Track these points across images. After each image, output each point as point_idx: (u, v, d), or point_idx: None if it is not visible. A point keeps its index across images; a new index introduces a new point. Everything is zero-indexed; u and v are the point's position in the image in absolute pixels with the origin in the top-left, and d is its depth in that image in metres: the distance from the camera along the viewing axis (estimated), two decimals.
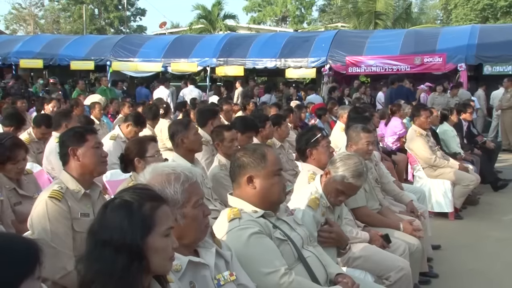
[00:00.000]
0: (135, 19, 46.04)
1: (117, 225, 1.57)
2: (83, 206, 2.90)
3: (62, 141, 3.01)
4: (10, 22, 44.64)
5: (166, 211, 1.66)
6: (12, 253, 1.23)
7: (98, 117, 7.75)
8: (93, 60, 17.91)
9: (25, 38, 22.19)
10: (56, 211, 2.77)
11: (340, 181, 3.19)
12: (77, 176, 2.95)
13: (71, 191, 2.88)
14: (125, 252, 1.54)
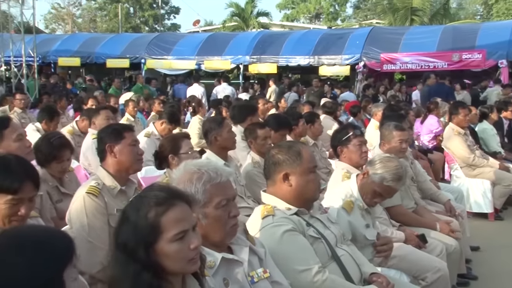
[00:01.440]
0: (169, 17, 46.50)
1: (129, 231, 1.58)
2: (119, 202, 2.92)
3: (100, 138, 3.06)
4: (49, 21, 45.77)
5: (176, 215, 1.61)
6: (55, 244, 1.25)
7: (132, 114, 7.84)
8: (128, 58, 18.19)
9: (63, 37, 22.72)
10: (93, 207, 2.81)
11: (378, 182, 3.13)
12: (114, 172, 2.98)
13: (107, 187, 2.92)
14: (137, 259, 1.55)
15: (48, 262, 1.22)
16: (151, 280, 1.55)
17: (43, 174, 3.60)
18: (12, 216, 2.14)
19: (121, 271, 1.56)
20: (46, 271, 1.21)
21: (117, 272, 1.58)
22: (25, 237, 1.29)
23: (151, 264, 1.57)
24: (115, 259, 1.59)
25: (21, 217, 2.16)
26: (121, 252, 1.57)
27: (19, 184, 2.12)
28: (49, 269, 1.21)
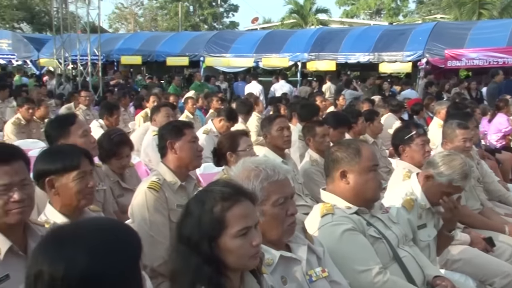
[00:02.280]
0: (228, 15, 46.94)
1: (193, 225, 1.60)
2: (179, 197, 2.98)
3: (161, 134, 3.12)
4: (113, 21, 47.30)
5: (241, 211, 1.63)
6: (128, 238, 1.25)
7: (191, 111, 7.96)
8: (187, 56, 18.48)
9: (126, 36, 23.37)
10: (154, 202, 2.86)
11: (447, 184, 2.96)
12: (174, 168, 3.03)
13: (168, 183, 2.97)
14: (199, 253, 1.57)
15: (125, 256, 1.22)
16: (212, 274, 1.57)
17: (105, 169, 3.71)
18: (83, 190, 2.34)
19: (182, 264, 1.59)
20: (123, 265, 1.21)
21: (178, 265, 1.60)
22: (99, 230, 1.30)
23: (213, 259, 1.58)
24: (177, 252, 1.62)
25: (90, 189, 2.38)
26: (184, 245, 1.60)
27: (78, 159, 2.35)
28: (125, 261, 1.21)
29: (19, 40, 22.71)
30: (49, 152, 2.49)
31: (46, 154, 2.45)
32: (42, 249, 1.18)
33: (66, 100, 10.32)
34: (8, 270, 1.91)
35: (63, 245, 1.17)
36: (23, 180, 1.96)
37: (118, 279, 1.17)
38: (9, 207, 1.91)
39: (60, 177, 2.33)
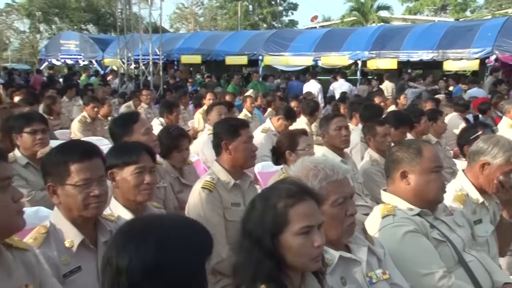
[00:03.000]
0: (287, 13, 46.85)
1: (257, 219, 1.62)
2: (234, 196, 3.00)
3: (216, 132, 3.14)
4: (174, 21, 48.37)
5: (304, 209, 1.63)
6: (197, 236, 1.28)
7: (249, 110, 7.99)
8: (246, 55, 18.56)
9: (186, 35, 23.79)
10: (208, 201, 2.90)
11: (505, 163, 2.78)
12: (228, 168, 3.05)
13: (222, 182, 3.00)
14: (261, 247, 1.59)
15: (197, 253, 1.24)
16: (272, 270, 1.58)
17: (165, 165, 3.78)
18: (140, 185, 2.41)
19: (244, 258, 1.61)
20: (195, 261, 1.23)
21: (241, 259, 1.63)
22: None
23: (274, 254, 1.59)
24: (240, 246, 1.64)
25: (147, 185, 2.43)
26: (247, 239, 1.62)
27: (137, 155, 2.44)
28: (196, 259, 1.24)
29: (85, 41, 23.66)
30: (115, 148, 2.64)
31: (113, 149, 2.59)
32: (114, 240, 1.25)
33: (128, 99, 10.63)
34: (80, 262, 2.00)
35: (131, 237, 1.22)
36: (101, 177, 2.06)
37: (182, 275, 1.19)
38: (89, 202, 2.00)
39: (120, 170, 2.43)
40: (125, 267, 1.17)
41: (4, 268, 1.59)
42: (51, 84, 14.01)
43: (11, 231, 1.61)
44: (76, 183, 1.98)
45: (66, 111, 8.89)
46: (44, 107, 7.41)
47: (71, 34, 27.08)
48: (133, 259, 1.17)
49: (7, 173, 1.54)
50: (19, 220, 1.57)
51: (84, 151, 2.03)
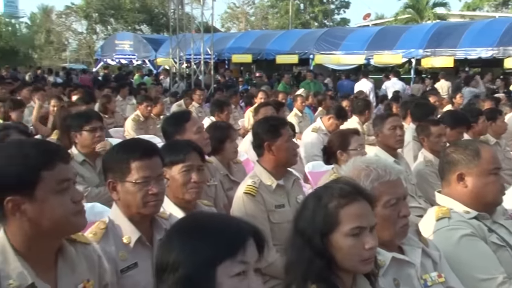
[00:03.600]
0: (338, 12, 46.40)
1: (308, 218, 1.61)
2: (278, 197, 2.97)
3: (256, 133, 3.10)
4: (225, 20, 48.80)
5: (356, 210, 1.60)
6: (216, 234, 1.26)
7: (300, 109, 7.95)
8: (297, 54, 18.53)
9: (237, 35, 23.99)
10: (252, 206, 2.88)
11: None
12: (270, 169, 3.01)
13: (264, 184, 2.96)
14: (313, 246, 1.57)
15: (204, 250, 1.23)
16: (322, 270, 1.57)
17: (215, 163, 3.80)
18: (187, 183, 2.44)
19: (296, 256, 1.61)
20: (199, 258, 1.22)
21: (292, 257, 1.63)
22: (199, 220, 1.35)
23: (324, 254, 1.58)
24: (292, 244, 1.63)
25: (195, 183, 2.46)
26: (299, 238, 1.61)
27: (184, 153, 2.47)
28: (202, 256, 1.23)
29: (139, 41, 24.27)
30: (165, 146, 2.66)
31: (164, 147, 2.61)
32: (168, 239, 1.28)
33: (180, 98, 10.80)
34: (136, 258, 2.04)
35: (186, 236, 1.25)
36: (159, 175, 2.10)
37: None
38: (147, 199, 2.03)
39: (169, 169, 2.45)
40: (180, 266, 1.21)
41: (68, 263, 1.63)
42: (106, 83, 14.44)
43: (70, 232, 1.64)
44: (136, 180, 2.02)
45: (120, 110, 9.11)
46: (100, 106, 7.62)
47: (125, 34, 27.85)
48: (188, 258, 1.20)
49: (68, 175, 1.55)
50: (78, 220, 1.58)
51: (145, 150, 2.07)
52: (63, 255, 1.62)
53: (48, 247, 1.58)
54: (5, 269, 1.48)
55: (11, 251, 1.50)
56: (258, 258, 1.30)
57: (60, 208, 1.51)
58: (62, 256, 1.62)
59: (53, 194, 1.50)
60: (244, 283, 1.25)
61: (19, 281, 1.48)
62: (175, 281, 1.21)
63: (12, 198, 1.46)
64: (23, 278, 1.48)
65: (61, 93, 10.43)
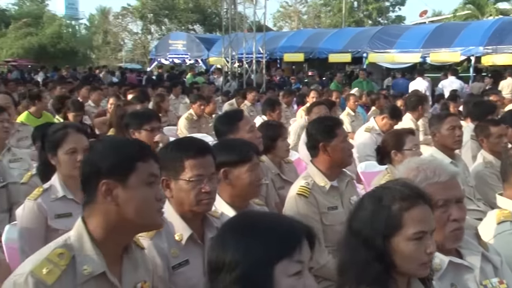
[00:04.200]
0: (393, 9, 45.45)
1: (366, 219, 1.57)
2: (331, 198, 2.93)
3: (310, 134, 3.06)
4: (277, 19, 48.86)
5: (419, 214, 1.56)
6: (272, 233, 1.25)
7: (353, 108, 7.85)
8: (350, 53, 18.34)
9: (289, 33, 23.98)
10: (304, 208, 2.85)
11: None
12: (325, 170, 2.98)
13: (318, 186, 2.93)
14: (370, 247, 1.53)
15: (260, 249, 1.22)
16: (379, 273, 1.53)
17: (267, 162, 3.81)
18: (254, 182, 2.47)
19: (350, 257, 1.58)
20: (256, 257, 1.22)
21: (347, 258, 1.60)
22: (255, 218, 1.35)
23: (383, 257, 1.54)
24: (346, 245, 1.61)
25: (260, 182, 2.53)
26: (354, 238, 1.58)
27: (250, 152, 2.51)
28: (259, 255, 1.22)
29: (192, 40, 24.67)
30: (225, 144, 2.67)
31: (222, 146, 2.62)
32: (221, 238, 1.27)
33: (232, 97, 10.88)
34: (188, 256, 2.07)
35: (239, 234, 1.25)
36: (212, 174, 2.12)
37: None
38: (200, 197, 2.06)
39: (233, 168, 2.46)
40: (235, 265, 1.21)
41: (132, 262, 1.70)
42: (160, 82, 14.74)
43: (149, 227, 1.72)
44: (189, 178, 2.04)
45: (173, 109, 9.27)
46: (153, 105, 7.78)
47: (179, 34, 28.37)
48: (244, 257, 1.20)
49: (156, 172, 1.65)
50: (158, 219, 1.66)
51: (199, 148, 2.10)
52: (128, 252, 1.69)
53: (122, 240, 1.65)
54: (81, 255, 1.56)
55: (88, 239, 1.58)
56: (311, 256, 1.31)
57: (147, 200, 1.60)
58: (127, 253, 1.69)
59: (143, 185, 1.59)
60: (300, 281, 1.26)
61: (92, 268, 1.55)
62: (232, 280, 1.21)
63: (107, 181, 1.56)
64: (96, 266, 1.56)
65: (117, 92, 10.76)
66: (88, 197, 1.62)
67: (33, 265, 1.49)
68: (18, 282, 1.47)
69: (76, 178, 2.62)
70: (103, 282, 1.57)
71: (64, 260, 1.52)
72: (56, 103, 6.48)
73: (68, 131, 2.70)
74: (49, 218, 2.60)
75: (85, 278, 1.53)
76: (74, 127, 2.76)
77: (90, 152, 1.66)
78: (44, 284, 1.47)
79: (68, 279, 1.51)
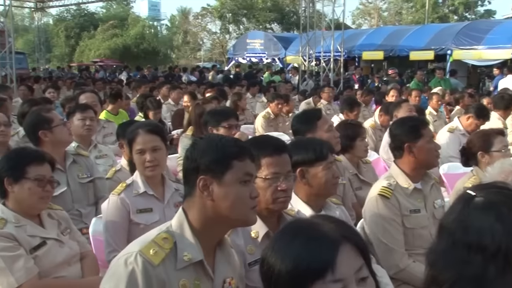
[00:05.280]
0: (482, 3, 43.24)
1: (486, 229, 1.34)
2: (414, 201, 2.83)
3: (395, 135, 2.96)
4: (356, 17, 48.09)
5: None
6: (302, 256, 1.16)
7: (435, 107, 7.55)
8: (433, 50, 17.66)
9: (368, 31, 23.49)
10: (385, 209, 2.77)
11: None
12: (409, 171, 2.87)
13: (401, 187, 2.83)
14: (498, 260, 1.32)
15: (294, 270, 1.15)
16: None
17: (344, 162, 3.75)
18: (330, 180, 2.48)
19: (472, 273, 1.33)
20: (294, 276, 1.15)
21: (462, 273, 1.35)
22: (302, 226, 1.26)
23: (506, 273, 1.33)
24: (456, 259, 1.36)
25: (336, 180, 2.54)
26: (470, 252, 1.34)
27: (326, 150, 2.51)
28: (295, 275, 1.15)
29: (269, 39, 24.80)
30: (300, 143, 2.65)
31: (297, 145, 2.61)
32: (275, 242, 1.23)
33: (309, 96, 10.80)
34: None
35: (292, 241, 1.19)
36: (288, 172, 2.13)
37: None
38: (277, 196, 2.08)
39: (309, 167, 2.47)
40: (286, 272, 1.15)
41: (225, 256, 1.76)
42: (237, 81, 14.92)
43: (242, 223, 1.78)
44: (265, 176, 2.07)
45: (250, 107, 9.33)
46: (231, 103, 7.87)
47: (256, 33, 28.61)
48: (295, 266, 1.14)
49: (252, 171, 1.71)
50: (252, 216, 1.71)
51: (275, 146, 2.12)
52: (221, 246, 1.75)
53: (217, 233, 1.72)
54: (182, 242, 1.64)
55: (188, 228, 1.67)
56: (362, 265, 1.19)
57: (241, 197, 1.65)
58: (220, 247, 1.75)
59: (238, 183, 1.65)
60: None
61: (192, 255, 1.63)
62: None
63: (205, 177, 1.64)
64: (195, 253, 1.64)
65: (195, 90, 11.02)
66: (188, 190, 1.71)
67: (141, 246, 1.59)
68: (130, 260, 1.56)
69: (151, 177, 2.75)
70: (199, 270, 1.65)
71: (167, 244, 1.62)
72: (140, 101, 6.72)
73: (138, 131, 2.79)
74: (131, 212, 2.70)
75: (185, 264, 1.62)
76: (145, 128, 2.83)
77: (192, 148, 1.72)
78: (151, 264, 1.56)
79: (170, 263, 1.61)
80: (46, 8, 30.64)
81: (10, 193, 2.42)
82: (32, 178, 2.40)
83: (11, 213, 2.40)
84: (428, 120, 3.30)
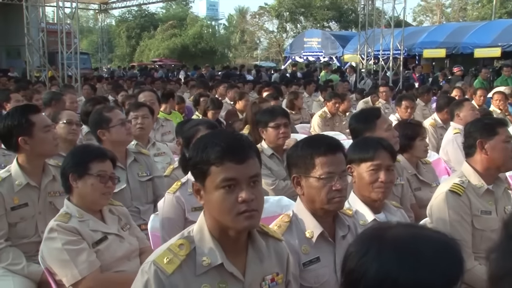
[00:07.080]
0: None
1: None
2: (485, 202, 2.73)
3: (469, 132, 2.87)
4: (417, 14, 46.86)
5: None
6: (437, 265, 1.15)
7: (500, 107, 7.23)
8: (499, 47, 16.94)
9: (430, 28, 22.83)
10: (456, 205, 2.68)
11: None
12: (481, 170, 2.77)
13: (472, 186, 2.74)
14: None
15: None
16: None
17: (403, 162, 3.68)
18: (374, 182, 2.44)
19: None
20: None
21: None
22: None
23: None
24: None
25: (381, 183, 2.44)
26: None
27: (373, 151, 2.47)
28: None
29: (327, 38, 24.57)
30: (355, 143, 2.67)
31: (355, 143, 2.65)
32: (357, 246, 1.18)
33: (367, 95, 10.61)
34: (318, 253, 2.07)
35: (379, 247, 1.15)
36: (343, 171, 2.11)
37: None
38: (332, 195, 2.05)
39: (357, 166, 2.49)
40: (372, 279, 1.11)
41: (257, 253, 1.73)
42: (294, 80, 14.85)
43: (234, 230, 1.64)
44: (320, 175, 2.04)
45: (306, 106, 9.28)
46: (287, 102, 7.85)
47: (314, 31, 28.39)
48: (380, 272, 1.10)
49: (234, 175, 1.59)
50: (242, 222, 1.60)
51: (329, 145, 2.09)
52: (253, 244, 1.72)
53: (232, 236, 1.66)
54: (201, 247, 1.64)
55: (207, 232, 1.67)
56: None
57: (222, 204, 1.59)
58: (252, 245, 1.72)
59: (220, 189, 1.59)
60: None
61: (211, 259, 1.63)
62: None
63: (194, 182, 1.67)
64: (214, 257, 1.63)
65: (252, 89, 11.06)
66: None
67: (157, 255, 1.61)
68: (145, 269, 1.59)
69: None
70: (223, 272, 1.64)
71: (183, 251, 1.62)
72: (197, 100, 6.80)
73: (199, 128, 2.85)
74: (186, 210, 2.74)
75: (205, 269, 1.61)
76: (205, 125, 2.88)
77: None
78: (163, 273, 1.57)
79: (189, 269, 1.61)
80: (109, 10, 31.70)
81: (74, 189, 2.50)
82: (95, 174, 2.47)
83: (75, 208, 2.48)
84: (507, 121, 3.15)
